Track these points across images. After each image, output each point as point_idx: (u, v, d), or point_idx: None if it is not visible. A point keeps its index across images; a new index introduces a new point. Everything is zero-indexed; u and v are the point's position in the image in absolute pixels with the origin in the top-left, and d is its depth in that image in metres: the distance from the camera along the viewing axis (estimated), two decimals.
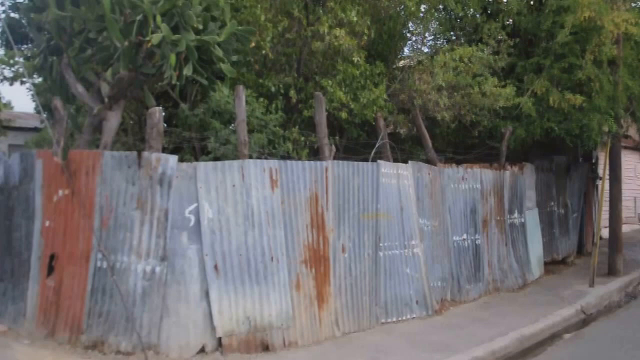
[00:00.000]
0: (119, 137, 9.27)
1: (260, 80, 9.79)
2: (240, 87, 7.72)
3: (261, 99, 9.06)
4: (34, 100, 12.51)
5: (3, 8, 10.79)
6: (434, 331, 8.26)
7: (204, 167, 7.20)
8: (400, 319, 8.69)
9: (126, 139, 9.81)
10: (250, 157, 7.64)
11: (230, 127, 8.53)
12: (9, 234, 7.81)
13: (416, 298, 8.92)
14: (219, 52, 8.26)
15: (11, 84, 10.08)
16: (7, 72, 9.99)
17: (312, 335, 7.58)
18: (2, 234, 7.90)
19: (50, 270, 7.35)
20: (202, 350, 6.92)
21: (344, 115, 9.67)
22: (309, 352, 7.27)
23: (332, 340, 7.72)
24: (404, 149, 10.31)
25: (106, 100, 8.37)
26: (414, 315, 8.86)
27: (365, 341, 7.74)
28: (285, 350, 7.25)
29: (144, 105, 9.42)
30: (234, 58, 8.99)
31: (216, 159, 7.97)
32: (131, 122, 10.29)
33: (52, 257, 7.37)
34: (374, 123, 9.83)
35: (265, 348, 7.18)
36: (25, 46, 10.24)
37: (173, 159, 7.13)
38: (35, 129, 15.52)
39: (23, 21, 9.26)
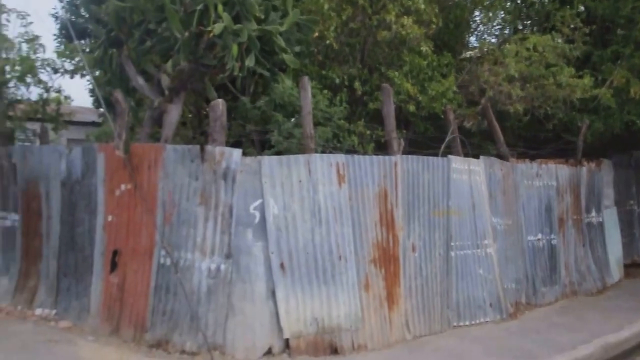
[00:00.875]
0: (178, 130, 9.09)
1: (324, 72, 9.46)
2: (306, 79, 7.41)
3: (325, 91, 8.73)
4: (92, 95, 12.52)
5: (62, 3, 10.84)
6: (510, 336, 7.77)
7: (268, 162, 6.89)
8: (473, 322, 8.22)
9: (186, 132, 9.65)
10: (315, 151, 7.30)
11: (292, 120, 8.24)
12: (72, 229, 7.68)
13: (490, 300, 8.42)
14: (281, 42, 7.99)
15: (71, 77, 10.08)
16: (68, 65, 9.99)
17: (382, 338, 7.19)
18: (66, 229, 7.78)
19: (114, 266, 7.18)
20: (269, 351, 6.61)
21: (411, 108, 9.25)
22: (380, 356, 6.90)
23: (403, 343, 7.32)
24: (472, 144, 9.80)
25: (166, 92, 8.20)
26: (488, 319, 8.36)
27: (437, 345, 7.31)
28: (355, 354, 6.88)
29: (203, 98, 9.25)
30: (297, 49, 8.72)
31: (279, 153, 7.70)
32: (190, 115, 10.11)
33: (115, 253, 7.21)
34: (442, 116, 9.36)
35: (334, 351, 6.82)
36: (83, 41, 10.21)
37: (237, 152, 6.85)
38: (93, 124, 15.62)
39: (82, 14, 9.22)
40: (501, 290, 8.60)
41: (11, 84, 9.65)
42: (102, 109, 9.75)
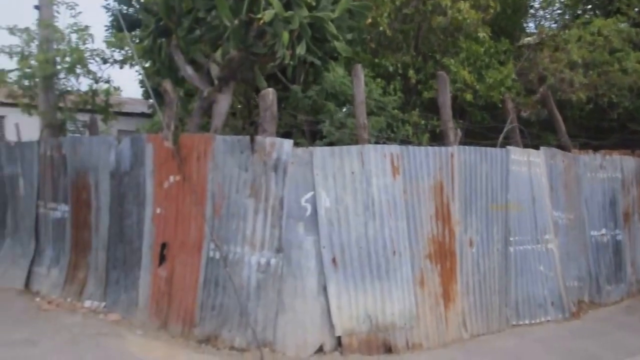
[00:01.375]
0: (228, 120, 8.96)
1: (377, 60, 9.20)
2: (359, 66, 7.15)
3: (378, 80, 8.44)
4: (142, 86, 12.54)
5: None
6: (573, 337, 7.37)
7: (320, 153, 6.65)
8: (533, 321, 7.82)
9: (235, 123, 9.51)
10: (369, 141, 7.03)
11: (344, 110, 7.98)
12: (121, 221, 7.62)
13: (551, 299, 8.00)
14: (333, 29, 7.72)
15: (121, 67, 10.07)
16: (117, 55, 10.00)
17: (437, 337, 6.89)
18: (115, 221, 7.72)
19: (162, 259, 7.07)
20: (320, 349, 6.39)
21: (468, 96, 8.87)
22: (435, 355, 6.61)
23: (459, 343, 7.00)
24: (532, 134, 9.35)
25: (216, 82, 8.05)
26: (549, 318, 7.95)
27: (495, 346, 6.98)
28: (409, 353, 6.61)
29: (253, 88, 9.08)
30: (349, 36, 8.46)
31: (331, 143, 7.46)
32: (240, 105, 9.96)
33: (163, 246, 7.09)
34: (500, 105, 8.94)
35: (388, 350, 6.56)
36: (134, 32, 10.17)
37: (288, 143, 6.62)
38: (143, 114, 15.75)
39: (133, 4, 9.15)
40: (563, 288, 8.17)
41: (61, 75, 9.68)
42: (151, 100, 9.69)
